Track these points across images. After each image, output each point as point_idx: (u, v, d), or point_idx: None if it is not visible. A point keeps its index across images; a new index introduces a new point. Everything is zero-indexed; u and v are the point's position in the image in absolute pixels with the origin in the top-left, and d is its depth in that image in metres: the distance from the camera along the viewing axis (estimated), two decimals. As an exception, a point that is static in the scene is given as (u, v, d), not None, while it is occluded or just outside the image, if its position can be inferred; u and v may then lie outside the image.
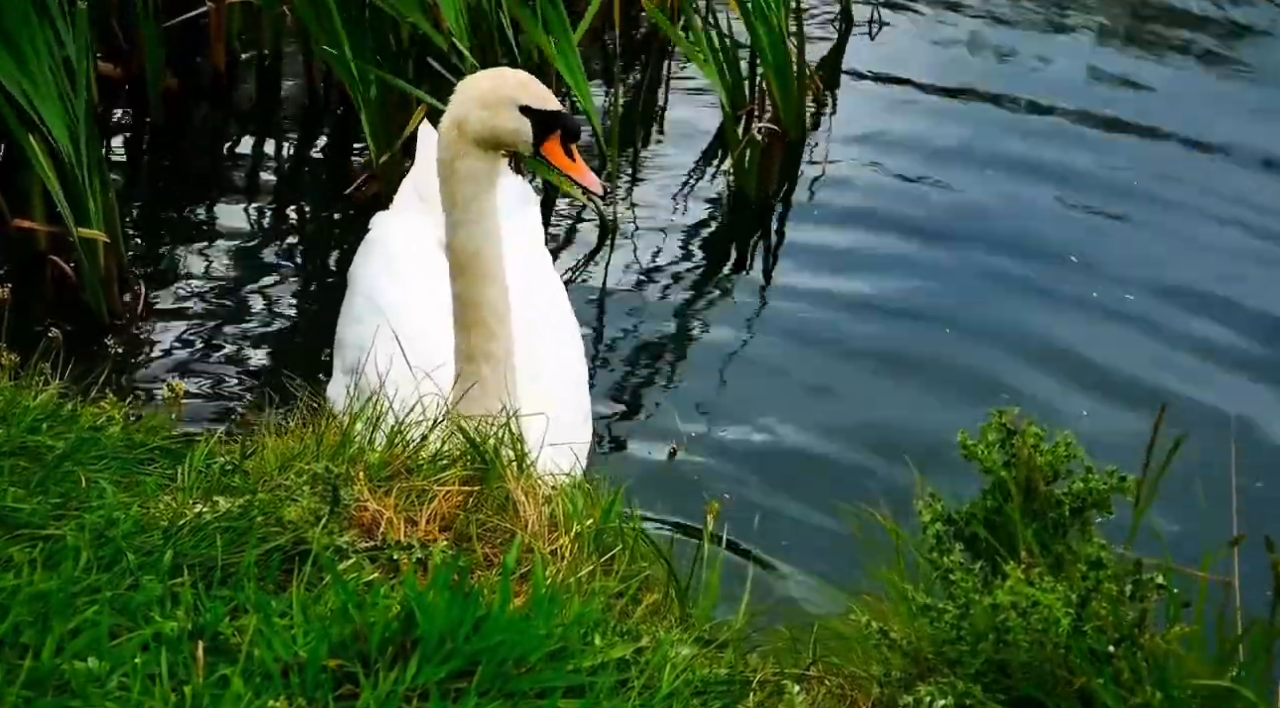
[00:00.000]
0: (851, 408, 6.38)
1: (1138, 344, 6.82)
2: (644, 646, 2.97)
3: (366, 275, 5.45)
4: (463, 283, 4.59)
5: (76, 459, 3.34)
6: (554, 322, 5.34)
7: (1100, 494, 3.18)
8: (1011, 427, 3.23)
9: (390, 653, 2.74)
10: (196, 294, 6.94)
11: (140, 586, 2.91)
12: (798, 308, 7.11)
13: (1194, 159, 8.30)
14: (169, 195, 7.71)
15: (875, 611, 3.20)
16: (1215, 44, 9.34)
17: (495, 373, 4.52)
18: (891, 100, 8.76)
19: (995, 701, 2.94)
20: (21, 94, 6.24)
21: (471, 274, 4.57)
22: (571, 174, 4.50)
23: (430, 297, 5.08)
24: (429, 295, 5.09)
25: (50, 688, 2.64)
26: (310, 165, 8.13)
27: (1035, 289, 7.19)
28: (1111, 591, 2.92)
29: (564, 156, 4.48)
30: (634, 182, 8.01)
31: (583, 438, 5.07)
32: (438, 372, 4.57)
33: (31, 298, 6.55)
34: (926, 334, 6.84)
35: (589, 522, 3.47)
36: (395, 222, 5.69)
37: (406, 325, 4.96)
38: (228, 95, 8.41)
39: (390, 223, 5.70)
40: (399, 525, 3.33)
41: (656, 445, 6.05)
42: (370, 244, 5.65)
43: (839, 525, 5.51)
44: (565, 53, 7.26)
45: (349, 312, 5.41)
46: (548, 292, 5.46)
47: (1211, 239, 7.60)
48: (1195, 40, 9.39)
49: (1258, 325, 6.96)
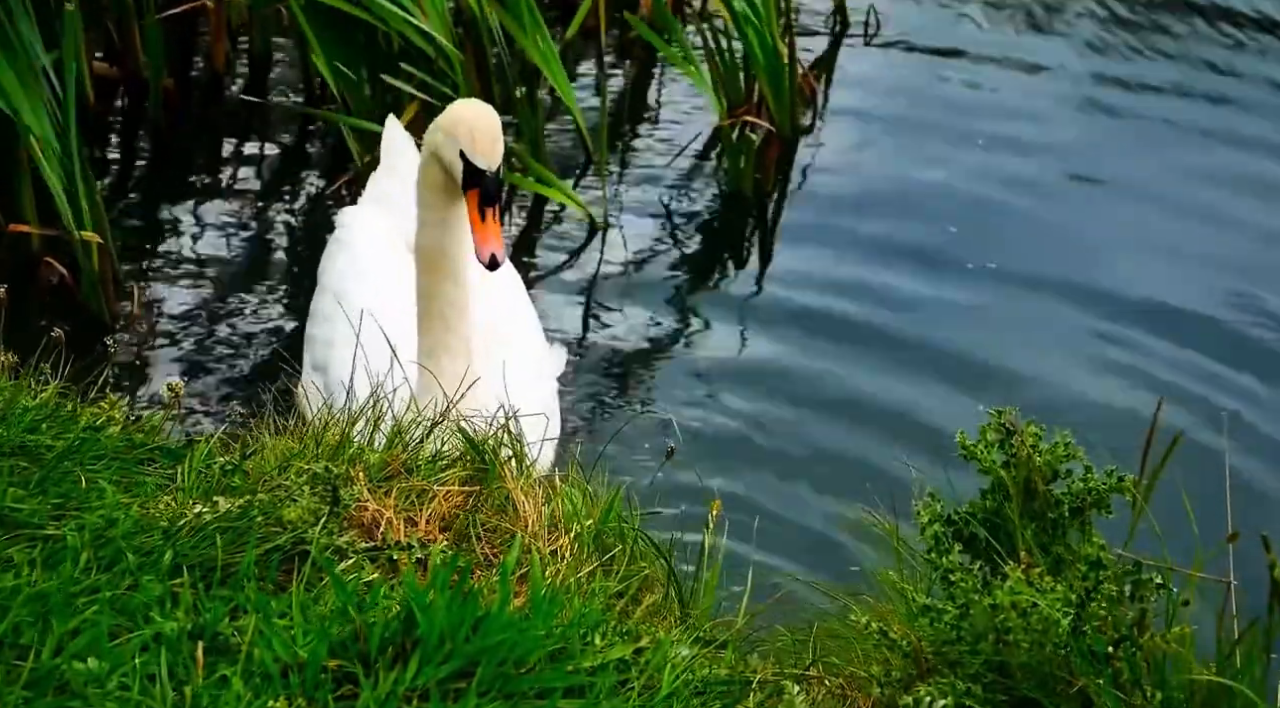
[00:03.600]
0: (849, 405, 6.39)
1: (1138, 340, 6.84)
2: (644, 646, 2.97)
3: (333, 272, 5.50)
4: (427, 279, 4.72)
5: (76, 459, 3.33)
6: (513, 317, 5.38)
7: (1099, 494, 3.18)
8: (1010, 426, 3.23)
9: (390, 653, 2.74)
10: (195, 294, 6.94)
11: (140, 586, 2.90)
12: (792, 306, 7.12)
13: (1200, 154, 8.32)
14: (166, 195, 7.71)
15: (875, 611, 3.20)
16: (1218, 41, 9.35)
17: (454, 365, 4.59)
18: (886, 101, 8.75)
19: (995, 701, 2.94)
20: (6, 101, 6.23)
21: (434, 271, 4.68)
22: (473, 231, 4.52)
23: (395, 294, 5.13)
24: (394, 292, 5.15)
25: (50, 689, 2.63)
26: (306, 165, 8.13)
27: (1034, 285, 7.20)
28: (1111, 591, 2.92)
29: (475, 211, 4.50)
30: (624, 181, 8.00)
31: (550, 433, 5.09)
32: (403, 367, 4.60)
33: (27, 300, 6.55)
34: (924, 331, 6.85)
35: (588, 522, 3.47)
36: (362, 219, 5.71)
37: (371, 322, 5.01)
38: (225, 95, 8.41)
39: (357, 220, 5.72)
40: (399, 526, 3.33)
41: (653, 445, 6.05)
42: (337, 241, 5.68)
43: (840, 525, 5.52)
44: (547, 56, 7.28)
45: (317, 309, 5.46)
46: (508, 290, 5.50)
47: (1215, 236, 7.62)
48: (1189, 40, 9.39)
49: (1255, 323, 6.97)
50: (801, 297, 7.18)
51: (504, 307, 5.34)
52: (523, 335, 5.39)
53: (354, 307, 5.14)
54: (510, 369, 4.82)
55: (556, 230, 7.58)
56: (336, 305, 5.26)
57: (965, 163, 8.13)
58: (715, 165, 8.07)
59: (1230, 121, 8.57)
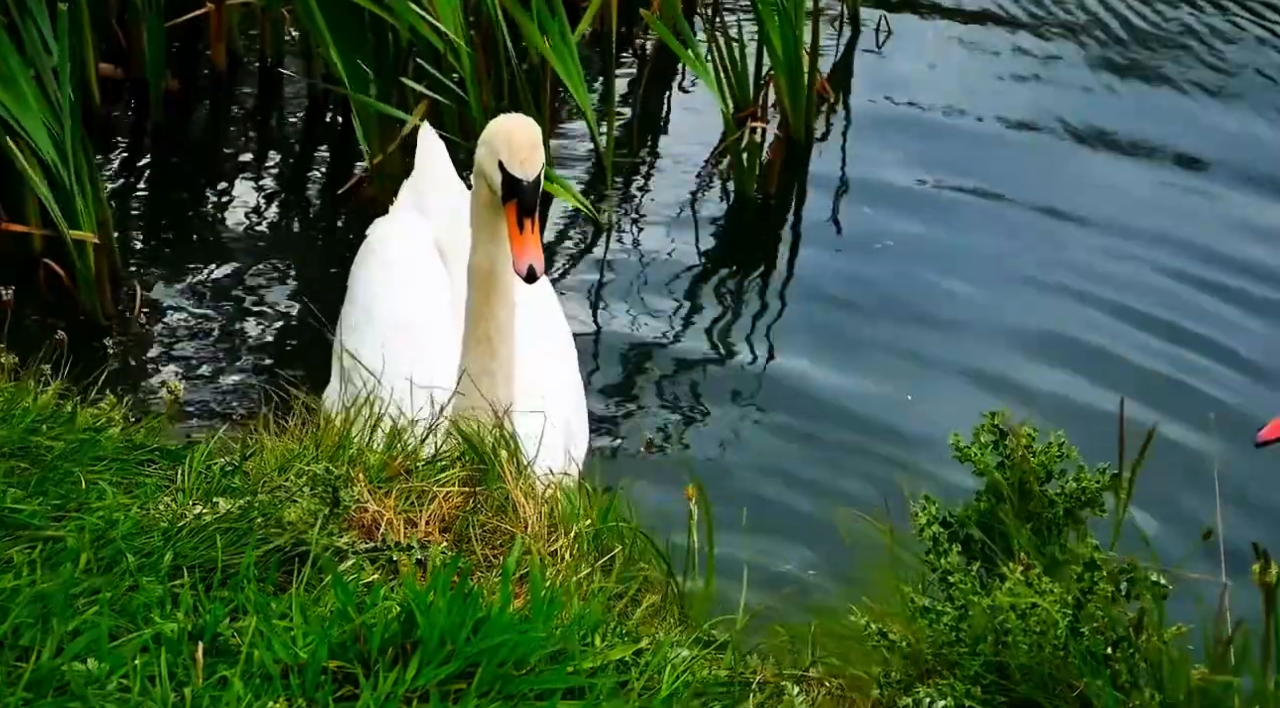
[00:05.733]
0: (854, 407, 6.38)
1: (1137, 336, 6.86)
2: (643, 647, 2.97)
3: (364, 283, 5.48)
4: (478, 298, 4.66)
5: (76, 460, 3.33)
6: (551, 335, 5.37)
7: (1092, 493, 3.19)
8: (1004, 428, 3.24)
9: (390, 654, 2.74)
10: (196, 294, 6.94)
11: (140, 587, 2.91)
12: (794, 307, 7.11)
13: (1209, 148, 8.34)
14: (169, 196, 7.71)
15: (874, 612, 3.20)
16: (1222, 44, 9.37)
17: (494, 391, 4.57)
18: (896, 106, 8.74)
19: (995, 703, 2.95)
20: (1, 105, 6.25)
21: (485, 291, 4.64)
22: (511, 242, 4.50)
23: (427, 305, 5.11)
24: (426, 304, 5.12)
25: (50, 690, 2.64)
26: (310, 166, 8.13)
27: (1042, 288, 7.20)
28: (1107, 591, 2.92)
29: (514, 223, 4.49)
30: (631, 183, 8.01)
31: (579, 452, 5.10)
32: (436, 381, 4.60)
33: (27, 300, 6.55)
34: (931, 335, 6.84)
35: (588, 523, 3.47)
36: (393, 228, 5.69)
37: (403, 334, 5.00)
38: (228, 96, 8.41)
39: (388, 229, 5.70)
40: (399, 527, 3.33)
41: (654, 446, 6.05)
42: (368, 251, 5.66)
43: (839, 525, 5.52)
44: (563, 56, 7.27)
45: (346, 319, 5.43)
46: (546, 306, 5.49)
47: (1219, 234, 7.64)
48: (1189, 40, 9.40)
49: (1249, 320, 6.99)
50: (804, 297, 7.17)
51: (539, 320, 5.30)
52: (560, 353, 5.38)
53: (384, 317, 5.15)
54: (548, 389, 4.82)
55: (561, 229, 7.58)
56: (366, 317, 5.25)
57: (976, 169, 8.12)
58: (724, 168, 8.07)
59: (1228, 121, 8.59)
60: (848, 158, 8.24)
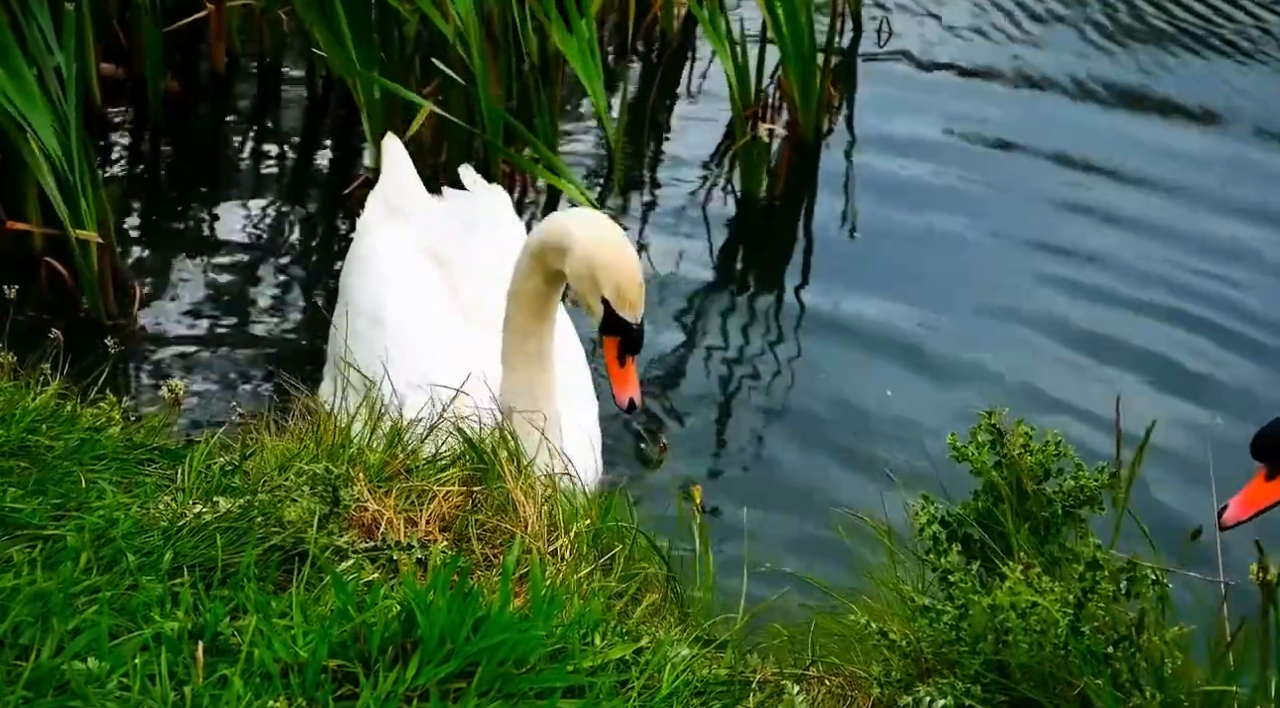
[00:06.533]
0: (856, 408, 6.38)
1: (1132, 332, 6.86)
2: (644, 646, 2.97)
3: (353, 287, 5.49)
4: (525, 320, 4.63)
5: (76, 460, 3.34)
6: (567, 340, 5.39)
7: (1091, 491, 3.19)
8: (1001, 427, 3.24)
9: (390, 653, 2.74)
10: (196, 294, 6.94)
11: (140, 586, 2.91)
12: (797, 308, 7.11)
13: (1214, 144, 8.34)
14: (169, 196, 7.72)
15: (874, 611, 3.20)
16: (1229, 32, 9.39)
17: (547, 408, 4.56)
18: (900, 105, 8.75)
19: (995, 702, 2.94)
20: (7, 100, 6.24)
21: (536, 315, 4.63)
22: (611, 379, 4.49)
23: (415, 306, 5.12)
24: (415, 305, 5.13)
25: (50, 689, 2.64)
26: (310, 166, 8.13)
27: (1052, 286, 7.20)
28: (1108, 590, 2.92)
29: (614, 358, 4.46)
30: (639, 180, 8.01)
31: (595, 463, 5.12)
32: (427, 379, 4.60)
33: (29, 299, 6.55)
34: (937, 335, 6.84)
35: (587, 522, 3.47)
36: (380, 231, 5.71)
37: (395, 336, 5.02)
38: (228, 96, 8.41)
39: (375, 232, 5.72)
40: (399, 526, 3.33)
41: (654, 446, 6.05)
42: (356, 254, 5.68)
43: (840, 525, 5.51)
44: (582, 53, 7.26)
45: (337, 322, 5.45)
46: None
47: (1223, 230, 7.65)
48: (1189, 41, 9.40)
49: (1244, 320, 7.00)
50: (807, 298, 7.17)
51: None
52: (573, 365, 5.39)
53: (375, 320, 5.16)
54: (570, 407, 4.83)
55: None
56: (357, 319, 5.26)
57: (981, 171, 8.12)
58: (728, 166, 8.07)
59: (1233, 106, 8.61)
60: (854, 157, 8.24)
